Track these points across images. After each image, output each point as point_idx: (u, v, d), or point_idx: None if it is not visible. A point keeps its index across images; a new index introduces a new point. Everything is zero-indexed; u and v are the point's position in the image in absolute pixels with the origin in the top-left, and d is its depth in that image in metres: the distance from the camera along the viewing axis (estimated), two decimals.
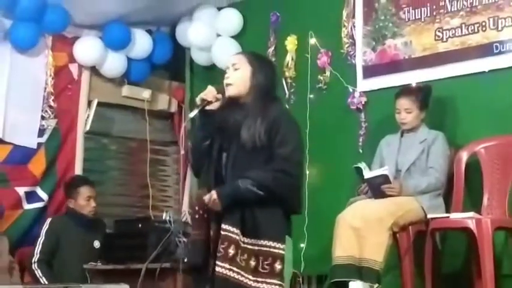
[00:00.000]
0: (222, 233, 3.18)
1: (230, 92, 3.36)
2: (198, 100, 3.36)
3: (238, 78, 3.36)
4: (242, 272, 3.15)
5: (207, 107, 3.33)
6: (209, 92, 3.34)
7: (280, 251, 3.19)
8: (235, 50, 5.61)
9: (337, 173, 4.97)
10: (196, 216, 3.29)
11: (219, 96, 3.35)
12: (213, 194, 3.24)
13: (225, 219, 3.20)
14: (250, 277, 3.16)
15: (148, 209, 5.93)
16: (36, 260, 4.89)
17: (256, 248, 3.19)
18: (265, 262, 3.17)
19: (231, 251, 3.15)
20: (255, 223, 3.20)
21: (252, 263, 3.17)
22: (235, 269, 3.14)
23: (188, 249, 3.65)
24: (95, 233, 5.10)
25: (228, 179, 3.28)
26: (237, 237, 3.16)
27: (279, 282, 3.18)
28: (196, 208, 3.30)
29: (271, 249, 3.19)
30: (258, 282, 3.17)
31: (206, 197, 3.26)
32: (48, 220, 5.03)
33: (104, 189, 5.85)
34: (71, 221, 5.05)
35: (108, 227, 5.27)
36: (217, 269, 3.15)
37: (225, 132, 3.34)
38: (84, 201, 5.07)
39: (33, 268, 4.89)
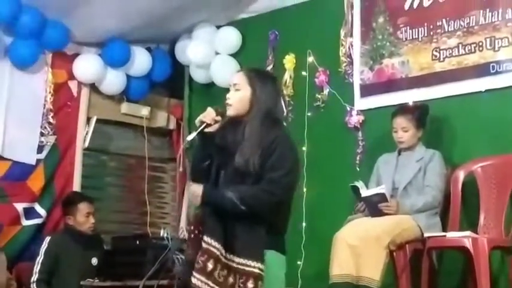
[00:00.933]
0: (203, 245, 3.15)
1: (229, 112, 3.36)
2: (197, 122, 3.35)
3: (238, 100, 3.34)
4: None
5: (206, 129, 3.32)
6: (208, 115, 3.33)
7: (255, 270, 3.13)
8: (234, 68, 5.63)
9: (335, 191, 4.97)
10: (192, 236, 3.27)
11: (218, 118, 3.34)
12: (198, 188, 3.26)
13: (207, 232, 3.18)
14: None
15: (146, 225, 5.92)
16: (35, 280, 4.84)
17: (234, 265, 3.16)
18: (240, 280, 3.14)
19: (210, 265, 3.12)
20: (234, 239, 3.18)
21: (231, 279, 3.14)
22: (210, 283, 3.11)
23: (182, 268, 3.63)
24: (93, 250, 5.08)
25: (214, 215, 3.25)
26: (217, 252, 3.13)
27: None
28: (192, 228, 3.28)
29: (245, 268, 3.14)
30: None
31: (191, 188, 3.28)
32: (47, 239, 4.98)
33: (102, 205, 5.84)
34: (69, 239, 5.02)
35: (105, 244, 5.25)
36: (194, 280, 3.12)
37: (223, 151, 3.33)
38: (84, 218, 5.04)
39: None
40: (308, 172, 5.09)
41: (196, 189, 3.28)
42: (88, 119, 5.72)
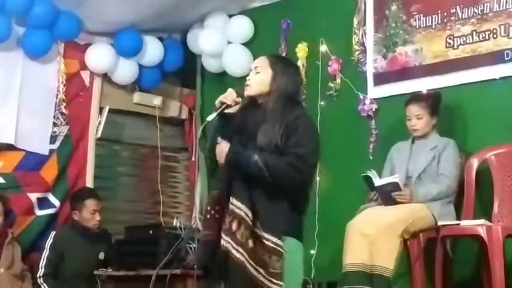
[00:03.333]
0: (230, 206, 3.17)
1: (249, 91, 3.35)
2: (217, 103, 3.33)
3: (258, 81, 3.34)
4: (240, 249, 3.13)
5: (226, 111, 3.31)
6: (229, 95, 3.32)
7: (277, 248, 3.14)
8: (246, 57, 5.65)
9: (348, 180, 4.98)
10: (208, 216, 3.28)
11: (239, 99, 3.33)
12: (225, 145, 3.24)
13: (233, 194, 3.20)
14: (252, 262, 3.14)
15: (159, 215, 5.95)
16: (41, 275, 4.88)
17: (258, 232, 3.17)
18: (262, 252, 3.15)
19: (234, 226, 3.14)
20: (259, 210, 3.18)
21: (250, 243, 3.15)
22: (233, 243, 3.13)
23: (198, 249, 3.63)
24: (100, 244, 5.09)
25: (242, 180, 3.26)
26: (242, 213, 3.14)
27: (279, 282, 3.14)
28: (208, 208, 3.30)
29: (269, 243, 3.16)
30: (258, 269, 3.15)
31: (220, 144, 3.26)
32: (52, 234, 5.01)
33: (115, 195, 5.89)
34: (75, 233, 5.03)
35: (118, 233, 5.28)
36: (222, 241, 3.16)
37: (242, 133, 3.32)
38: (89, 215, 5.04)
39: (39, 283, 4.89)
40: (322, 162, 5.02)
41: (223, 146, 3.25)
42: (100, 109, 5.74)
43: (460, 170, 4.30)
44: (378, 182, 4.24)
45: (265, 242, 3.15)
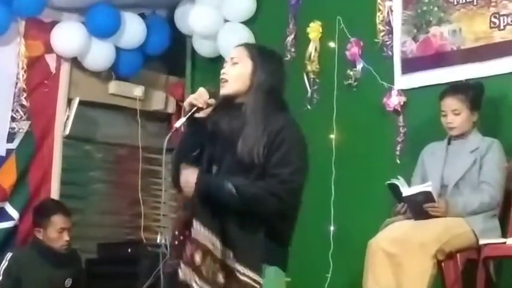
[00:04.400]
0: (192, 233, 3.17)
1: (225, 90, 3.36)
2: (186, 105, 3.38)
3: (236, 75, 3.36)
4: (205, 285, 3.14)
5: (197, 114, 3.34)
6: (199, 97, 3.34)
7: (254, 284, 3.14)
8: (246, 39, 5.64)
9: (370, 189, 4.97)
10: (176, 242, 3.28)
11: (211, 101, 3.35)
12: (192, 174, 3.25)
13: (198, 219, 3.19)
14: None
15: (140, 230, 5.94)
16: None
17: (229, 263, 3.16)
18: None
19: (198, 258, 3.14)
20: (231, 238, 3.19)
21: (220, 278, 3.15)
22: (197, 278, 3.13)
23: (164, 284, 3.63)
24: (67, 269, 5.03)
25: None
26: (206, 243, 3.14)
27: None
28: (176, 233, 3.29)
29: (242, 277, 3.15)
30: None
31: (184, 174, 3.27)
32: (8, 255, 4.93)
33: (86, 205, 5.88)
34: (36, 255, 4.95)
35: (90, 252, 5.28)
36: (180, 273, 3.16)
37: (216, 140, 3.35)
38: (56, 234, 4.99)
39: None
40: (337, 166, 5.10)
41: (189, 175, 3.26)
42: (69, 101, 5.73)
43: (507, 176, 4.28)
44: (406, 191, 4.23)
45: (240, 276, 3.15)
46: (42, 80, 5.64)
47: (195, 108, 3.33)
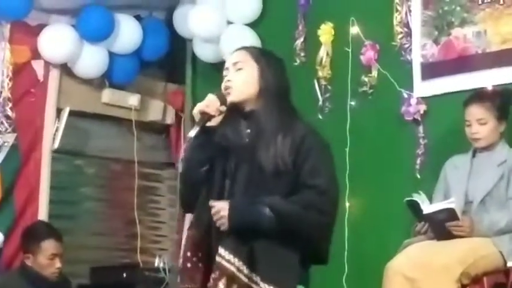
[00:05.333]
0: (216, 258, 3.18)
1: (233, 97, 3.38)
2: (195, 114, 3.38)
3: (243, 81, 3.39)
4: None
5: (208, 123, 3.35)
6: (211, 103, 3.35)
7: None
8: (251, 43, 5.64)
9: (387, 207, 4.96)
10: (188, 264, 3.30)
11: (223, 108, 3.37)
12: (224, 207, 3.23)
13: (222, 243, 3.21)
14: None
15: (136, 252, 5.95)
16: None
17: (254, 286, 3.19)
18: None
19: (221, 286, 3.15)
20: (260, 259, 3.21)
21: None
22: None
23: None
24: None
25: None
26: (233, 268, 3.16)
27: None
28: (188, 254, 3.32)
29: None
30: None
31: (215, 208, 3.25)
32: None
33: (77, 226, 5.87)
34: (24, 283, 4.90)
35: (82, 277, 5.27)
36: None
37: (228, 152, 3.35)
38: (47, 260, 4.97)
39: None
40: (352, 181, 5.08)
41: (221, 207, 3.24)
42: (58, 111, 5.74)
43: None
44: (427, 208, 4.22)
45: None
46: (29, 88, 5.65)
47: (206, 117, 3.34)
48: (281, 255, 3.21)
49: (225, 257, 3.18)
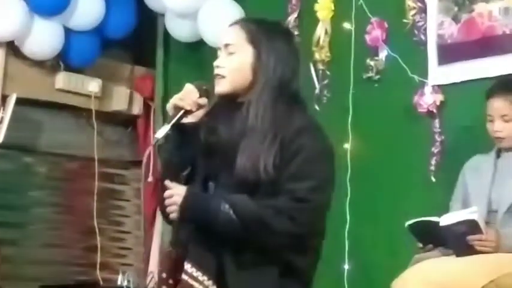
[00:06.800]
0: (183, 276, 3.18)
1: (221, 87, 3.38)
2: (169, 108, 3.38)
3: (235, 68, 3.38)
4: None
5: (184, 119, 3.35)
6: (187, 96, 3.36)
7: None
8: (234, 18, 5.61)
9: (395, 215, 4.93)
10: (163, 286, 3.30)
11: (203, 101, 3.37)
12: (179, 193, 3.25)
13: (191, 260, 3.21)
14: None
15: (95, 268, 5.95)
16: None
17: None
18: None
19: None
20: (232, 279, 3.21)
21: None
22: None
23: None
24: None
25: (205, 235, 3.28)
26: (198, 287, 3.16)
27: None
28: (164, 275, 3.31)
29: None
30: None
31: (169, 191, 3.28)
32: None
33: (25, 236, 5.87)
34: None
35: None
36: None
37: (213, 151, 3.35)
38: None
39: None
40: (353, 185, 5.09)
41: (175, 192, 3.26)
42: (3, 98, 5.74)
43: None
44: (445, 219, 4.20)
45: None
46: None
47: (181, 112, 3.33)
48: (255, 269, 3.22)
49: (192, 274, 3.18)
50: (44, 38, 5.78)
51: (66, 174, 6.22)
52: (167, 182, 3.29)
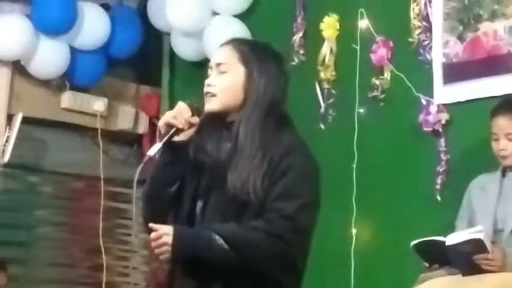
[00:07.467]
0: None
1: (211, 105, 3.38)
2: (161, 126, 3.40)
3: (225, 87, 3.37)
4: None
5: (176, 138, 3.36)
6: (179, 114, 3.35)
7: None
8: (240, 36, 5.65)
9: (401, 235, 4.94)
10: None
11: (194, 120, 3.37)
12: (167, 232, 3.22)
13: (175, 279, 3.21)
14: None
15: (101, 287, 5.93)
16: None
17: None
18: None
19: None
20: None
21: None
22: None
23: None
24: None
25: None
26: None
27: None
28: None
29: None
30: None
31: (156, 233, 3.24)
32: None
33: (31, 255, 5.87)
34: None
35: None
36: None
37: (202, 169, 3.35)
38: None
39: None
40: (359, 204, 5.07)
41: (164, 232, 3.23)
42: (9, 118, 5.74)
43: None
44: (451, 239, 4.20)
45: None
46: None
47: (173, 130, 3.34)
48: None
49: None
50: (49, 57, 5.79)
51: (72, 193, 6.22)
52: (152, 224, 3.26)
